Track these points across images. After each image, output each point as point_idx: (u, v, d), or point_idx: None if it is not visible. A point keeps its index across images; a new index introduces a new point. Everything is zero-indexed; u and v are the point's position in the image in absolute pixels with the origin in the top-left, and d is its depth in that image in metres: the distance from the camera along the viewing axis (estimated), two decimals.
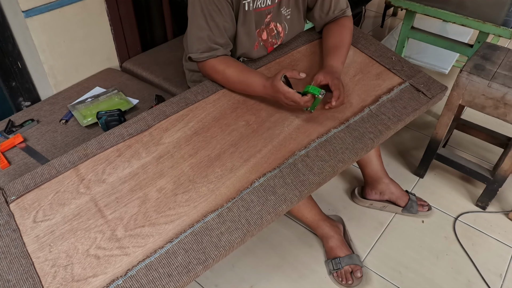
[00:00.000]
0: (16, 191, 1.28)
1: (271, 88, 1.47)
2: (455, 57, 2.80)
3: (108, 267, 1.12)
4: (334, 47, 1.68)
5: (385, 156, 2.34)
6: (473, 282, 1.80)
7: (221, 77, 1.58)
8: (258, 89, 1.53)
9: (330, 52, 1.67)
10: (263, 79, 1.51)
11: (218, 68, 1.57)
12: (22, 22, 1.79)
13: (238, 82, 1.57)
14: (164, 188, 1.30)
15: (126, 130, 1.45)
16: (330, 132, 1.48)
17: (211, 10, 1.51)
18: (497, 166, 2.15)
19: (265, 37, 1.70)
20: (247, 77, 1.55)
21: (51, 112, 1.89)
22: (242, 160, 1.38)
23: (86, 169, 1.34)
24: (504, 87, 1.75)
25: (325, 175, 1.36)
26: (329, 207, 2.08)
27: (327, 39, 1.73)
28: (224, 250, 1.17)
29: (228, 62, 1.58)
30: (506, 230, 2.01)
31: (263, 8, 1.62)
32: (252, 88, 1.54)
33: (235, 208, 1.26)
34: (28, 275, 1.11)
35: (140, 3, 2.24)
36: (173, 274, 1.12)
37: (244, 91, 1.58)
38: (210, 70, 1.59)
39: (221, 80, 1.60)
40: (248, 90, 1.57)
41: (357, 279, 1.75)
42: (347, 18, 1.77)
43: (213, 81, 1.63)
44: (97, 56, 2.13)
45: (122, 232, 1.20)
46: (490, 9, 2.28)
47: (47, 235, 1.19)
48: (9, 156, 1.67)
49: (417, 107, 1.61)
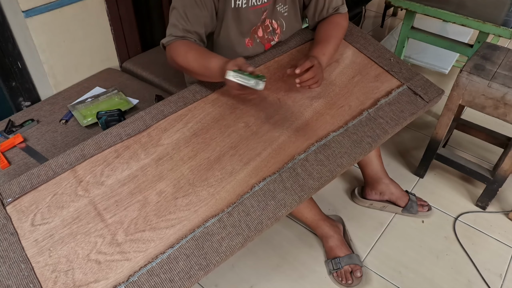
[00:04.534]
0: (13, 193, 1.26)
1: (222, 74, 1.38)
2: (455, 57, 2.79)
3: (109, 273, 1.13)
4: (319, 41, 1.69)
5: (385, 156, 2.34)
6: (473, 282, 1.80)
7: (182, 59, 1.50)
8: (215, 71, 1.42)
9: (314, 45, 1.68)
10: (222, 61, 1.41)
11: (180, 50, 1.50)
12: (22, 22, 1.79)
13: (196, 66, 1.48)
14: (164, 191, 1.30)
15: (124, 130, 1.43)
16: (329, 135, 1.48)
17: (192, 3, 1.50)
18: (497, 166, 2.16)
19: (260, 34, 1.70)
20: (205, 59, 1.46)
21: (51, 112, 1.89)
22: (242, 164, 1.38)
23: (84, 171, 1.33)
24: (504, 87, 1.75)
25: (324, 179, 1.37)
26: (329, 207, 2.08)
27: (315, 37, 1.75)
28: (224, 255, 1.17)
29: (191, 45, 1.51)
30: (506, 230, 2.01)
31: (259, 6, 1.62)
32: (209, 71, 1.44)
33: (235, 213, 1.26)
34: (28, 280, 1.10)
35: (140, 3, 2.23)
36: (175, 279, 1.12)
37: (202, 76, 1.52)
38: (173, 52, 1.52)
39: (182, 63, 1.51)
40: (205, 74, 1.48)
41: (357, 279, 1.76)
42: (340, 15, 1.77)
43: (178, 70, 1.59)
44: (97, 56, 2.13)
45: (123, 236, 1.19)
46: (490, 9, 2.28)
47: (46, 239, 1.18)
48: (9, 156, 1.67)
49: (414, 110, 1.61)
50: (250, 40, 1.68)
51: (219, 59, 1.43)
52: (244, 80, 1.28)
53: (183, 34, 1.52)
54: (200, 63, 1.47)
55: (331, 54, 1.67)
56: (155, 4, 2.31)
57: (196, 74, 1.54)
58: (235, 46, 1.66)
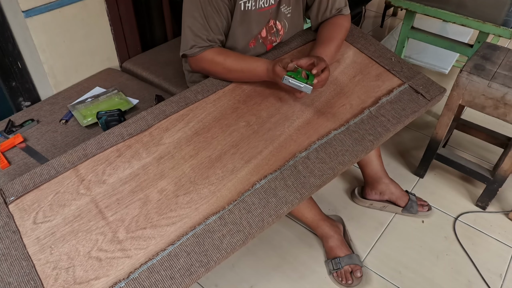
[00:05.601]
0: (15, 192, 1.27)
1: (273, 73, 1.50)
2: (455, 57, 2.80)
3: (110, 270, 1.12)
4: (322, 41, 1.69)
5: (385, 156, 2.34)
6: (473, 282, 1.80)
7: (221, 68, 1.59)
8: (262, 73, 1.55)
9: (317, 45, 1.68)
10: (267, 63, 1.54)
11: (217, 60, 1.58)
12: (22, 22, 1.79)
13: (240, 71, 1.58)
14: (165, 189, 1.30)
15: (125, 129, 1.44)
16: (330, 134, 1.48)
17: (209, 11, 1.52)
18: (497, 166, 2.16)
19: (264, 35, 1.71)
20: (249, 63, 1.57)
21: (51, 112, 1.89)
22: (243, 162, 1.38)
23: (86, 170, 1.34)
24: (504, 87, 1.75)
25: (326, 177, 1.37)
26: (329, 207, 2.08)
27: (318, 37, 1.75)
28: (226, 252, 1.17)
29: (225, 52, 1.60)
30: (506, 230, 2.01)
31: (267, 8, 1.63)
32: (256, 73, 1.57)
33: (236, 210, 1.26)
34: (29, 277, 1.10)
35: (140, 3, 2.23)
36: (176, 276, 1.12)
37: (247, 79, 1.61)
38: (208, 63, 1.59)
39: (221, 71, 1.60)
40: (251, 77, 1.59)
41: (357, 279, 1.75)
42: (343, 16, 1.78)
43: (209, 75, 1.64)
44: (97, 56, 2.13)
45: (124, 234, 1.19)
46: (490, 9, 2.28)
47: (48, 236, 1.18)
48: (9, 156, 1.66)
49: (416, 109, 1.61)
50: (253, 40, 1.69)
51: (263, 62, 1.55)
52: (296, 84, 1.43)
53: (208, 44, 1.57)
54: (244, 67, 1.57)
55: (333, 55, 1.68)
56: (155, 4, 2.31)
57: (238, 78, 1.62)
58: (237, 46, 1.67)
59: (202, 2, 1.51)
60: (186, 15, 1.56)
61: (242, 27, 1.63)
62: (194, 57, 1.60)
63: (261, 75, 1.56)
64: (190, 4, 1.54)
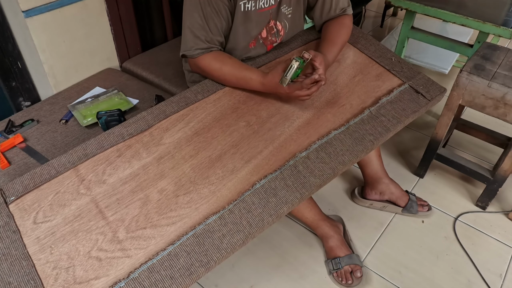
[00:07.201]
0: (15, 192, 1.27)
1: (272, 86, 1.50)
2: (455, 57, 2.80)
3: (110, 269, 1.12)
4: (327, 42, 1.69)
5: (385, 156, 2.34)
6: (473, 282, 1.80)
7: (217, 74, 1.59)
8: (256, 86, 1.56)
9: (322, 46, 1.68)
10: (260, 77, 1.54)
11: (214, 66, 1.58)
12: (22, 22, 1.79)
13: (235, 80, 1.58)
14: (165, 189, 1.30)
15: (126, 130, 1.44)
16: (331, 133, 1.48)
17: (209, 11, 1.52)
18: (497, 166, 2.16)
19: (264, 35, 1.71)
20: (244, 74, 1.57)
21: (51, 112, 1.88)
22: (243, 161, 1.38)
23: (86, 170, 1.34)
24: (504, 87, 1.75)
25: (326, 177, 1.37)
26: (329, 207, 2.08)
27: (323, 36, 1.75)
28: (226, 252, 1.17)
29: (223, 59, 1.60)
30: (506, 230, 2.01)
31: (267, 8, 1.63)
32: (250, 85, 1.58)
33: (236, 210, 1.26)
34: (29, 277, 1.10)
35: (140, 3, 2.23)
36: (176, 276, 1.12)
37: (241, 86, 1.60)
38: (206, 67, 1.60)
39: (217, 77, 1.61)
40: (246, 86, 1.59)
41: (357, 279, 1.75)
42: (347, 16, 1.78)
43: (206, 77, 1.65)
44: (97, 56, 2.13)
45: (124, 234, 1.19)
46: (490, 9, 2.28)
47: (48, 236, 1.18)
48: (9, 156, 1.66)
49: (416, 109, 1.61)
50: (253, 41, 1.69)
51: (258, 74, 1.55)
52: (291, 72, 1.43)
53: (207, 46, 1.57)
54: (239, 77, 1.58)
55: (336, 55, 1.68)
56: (155, 4, 2.31)
57: (234, 86, 1.63)
58: (238, 46, 1.67)
59: (202, 3, 1.51)
60: (186, 15, 1.57)
61: (243, 28, 1.63)
62: (193, 59, 1.61)
63: (255, 87, 1.57)
64: (190, 4, 1.54)
